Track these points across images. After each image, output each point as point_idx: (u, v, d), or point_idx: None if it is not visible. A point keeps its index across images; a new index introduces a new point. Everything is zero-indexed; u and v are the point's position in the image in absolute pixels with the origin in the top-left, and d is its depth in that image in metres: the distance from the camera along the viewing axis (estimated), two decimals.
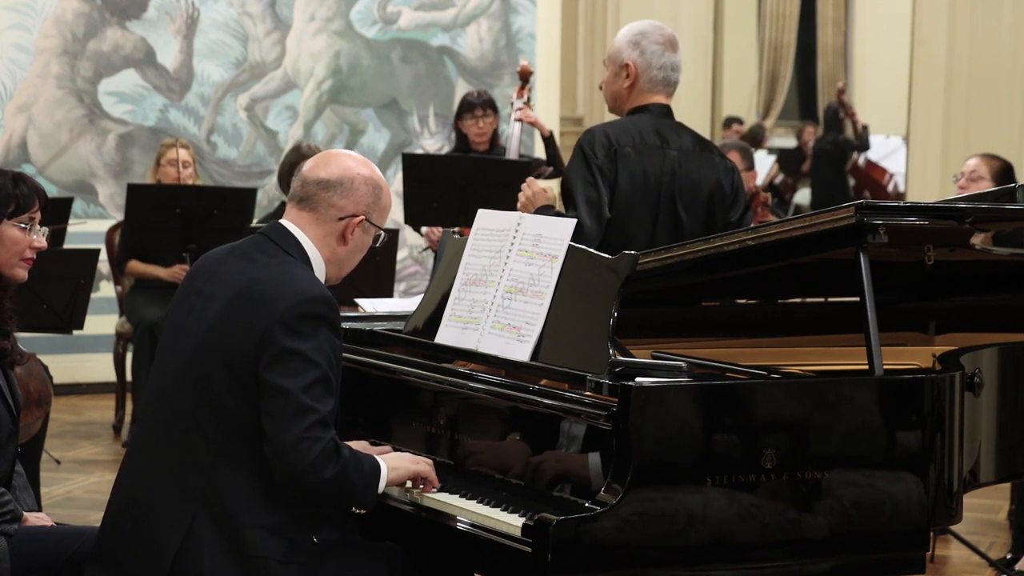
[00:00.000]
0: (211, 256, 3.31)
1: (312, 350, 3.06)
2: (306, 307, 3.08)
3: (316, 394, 3.04)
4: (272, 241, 3.24)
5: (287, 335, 3.05)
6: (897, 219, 3.42)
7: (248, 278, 3.16)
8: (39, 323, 5.76)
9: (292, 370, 3.04)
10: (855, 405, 3.22)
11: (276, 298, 3.09)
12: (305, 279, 3.17)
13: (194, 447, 3.10)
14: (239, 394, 3.08)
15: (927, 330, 4.21)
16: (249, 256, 3.23)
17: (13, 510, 3.46)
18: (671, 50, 4.39)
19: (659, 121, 4.36)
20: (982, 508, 6.07)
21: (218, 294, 3.18)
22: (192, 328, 3.18)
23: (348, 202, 3.26)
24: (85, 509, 6.02)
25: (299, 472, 3.01)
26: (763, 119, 17.68)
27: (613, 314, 3.26)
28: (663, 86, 4.39)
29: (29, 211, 3.57)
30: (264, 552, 3.06)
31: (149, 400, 3.26)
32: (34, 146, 8.56)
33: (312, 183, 3.26)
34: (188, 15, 8.87)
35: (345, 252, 3.30)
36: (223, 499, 3.07)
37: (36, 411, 4.79)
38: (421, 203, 6.91)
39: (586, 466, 3.13)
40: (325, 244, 3.27)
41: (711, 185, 4.35)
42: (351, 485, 3.08)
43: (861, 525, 3.19)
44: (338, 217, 3.26)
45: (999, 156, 6.26)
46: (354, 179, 3.26)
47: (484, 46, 9.56)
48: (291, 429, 3.01)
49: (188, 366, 3.15)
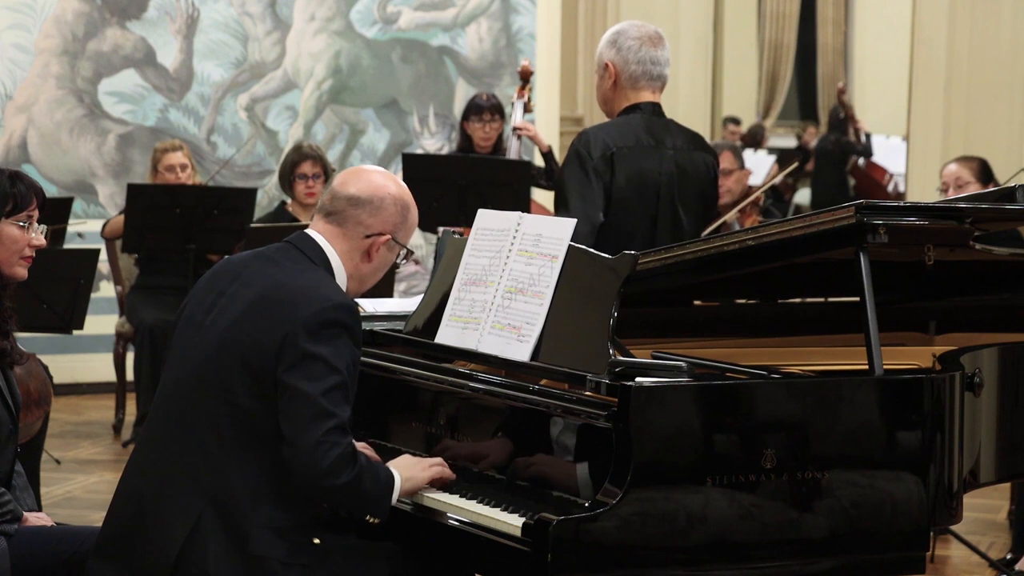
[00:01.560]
0: (234, 259, 3.34)
1: (333, 356, 3.08)
2: (329, 314, 3.10)
3: (335, 399, 3.06)
4: (298, 249, 3.27)
5: (309, 339, 3.07)
6: (897, 219, 3.42)
7: (273, 281, 3.19)
8: (39, 323, 5.77)
9: (313, 374, 3.06)
10: (855, 405, 3.23)
11: (300, 302, 3.12)
12: (329, 287, 3.20)
13: (206, 444, 3.12)
14: (256, 394, 3.10)
15: (927, 330, 4.21)
16: (274, 261, 3.25)
17: (13, 510, 3.46)
18: (650, 45, 4.39)
19: (650, 120, 4.39)
20: (982, 508, 6.07)
21: (241, 295, 3.20)
22: (212, 327, 3.19)
23: (376, 220, 3.30)
24: (85, 509, 6.02)
25: (315, 475, 3.03)
26: (763, 119, 17.68)
27: (613, 314, 3.26)
28: (647, 81, 4.39)
29: (27, 209, 3.56)
30: (267, 552, 3.07)
31: (163, 396, 3.27)
32: (34, 146, 8.56)
33: (342, 199, 3.30)
34: (188, 15, 8.87)
35: (369, 269, 3.33)
36: (231, 497, 3.08)
37: (36, 411, 4.79)
38: (421, 203, 6.80)
39: (586, 466, 3.13)
40: (350, 259, 3.30)
41: (705, 182, 4.43)
42: (365, 493, 3.10)
43: (861, 525, 3.19)
44: (365, 235, 3.29)
45: (973, 156, 6.30)
46: (384, 198, 3.31)
47: (484, 46, 9.56)
48: (310, 432, 3.03)
49: (206, 364, 3.16)
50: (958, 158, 6.38)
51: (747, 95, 17.74)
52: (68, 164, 8.63)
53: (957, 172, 6.07)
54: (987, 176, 6.02)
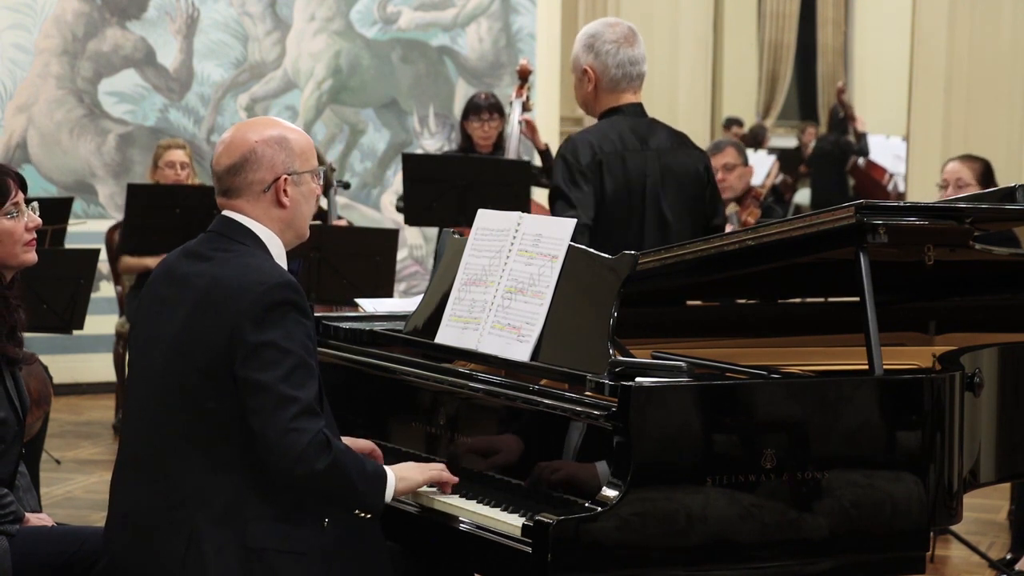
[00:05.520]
0: (168, 261, 3.27)
1: (283, 338, 3.03)
2: (268, 296, 3.05)
3: (295, 382, 3.01)
4: (221, 235, 3.20)
5: (255, 329, 3.02)
6: (897, 219, 3.43)
7: (208, 279, 3.12)
8: (39, 323, 5.76)
9: (267, 363, 3.01)
10: (855, 405, 3.23)
11: (238, 294, 3.06)
12: (263, 268, 3.13)
13: (184, 454, 3.07)
14: (219, 396, 3.05)
15: (927, 330, 4.21)
16: (203, 256, 3.18)
17: (15, 511, 3.45)
18: (627, 45, 4.39)
19: (634, 121, 4.41)
20: (982, 508, 6.07)
21: (182, 299, 3.14)
22: (162, 337, 3.14)
23: (261, 173, 3.19)
24: (85, 509, 6.02)
25: (289, 464, 2.98)
26: (763, 119, 17.68)
27: (613, 314, 3.26)
28: (627, 82, 4.41)
29: (9, 199, 3.50)
30: (265, 543, 3.04)
31: (130, 414, 3.23)
32: (34, 146, 8.56)
33: (223, 175, 3.21)
34: (188, 15, 8.87)
35: (291, 212, 3.22)
36: (219, 499, 3.05)
37: (36, 411, 4.78)
38: (421, 203, 6.90)
39: (585, 466, 3.13)
40: (268, 217, 3.21)
41: (691, 178, 4.44)
42: (349, 481, 3.05)
43: (861, 525, 3.19)
44: (262, 190, 3.20)
45: (977, 156, 6.27)
46: (253, 150, 3.18)
47: (484, 46, 9.56)
48: (276, 422, 2.98)
49: (164, 375, 3.12)
50: (961, 156, 6.34)
51: (747, 95, 17.74)
52: (68, 164, 8.63)
53: (959, 171, 6.05)
54: (988, 179, 6.00)
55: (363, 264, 6.57)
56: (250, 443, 3.03)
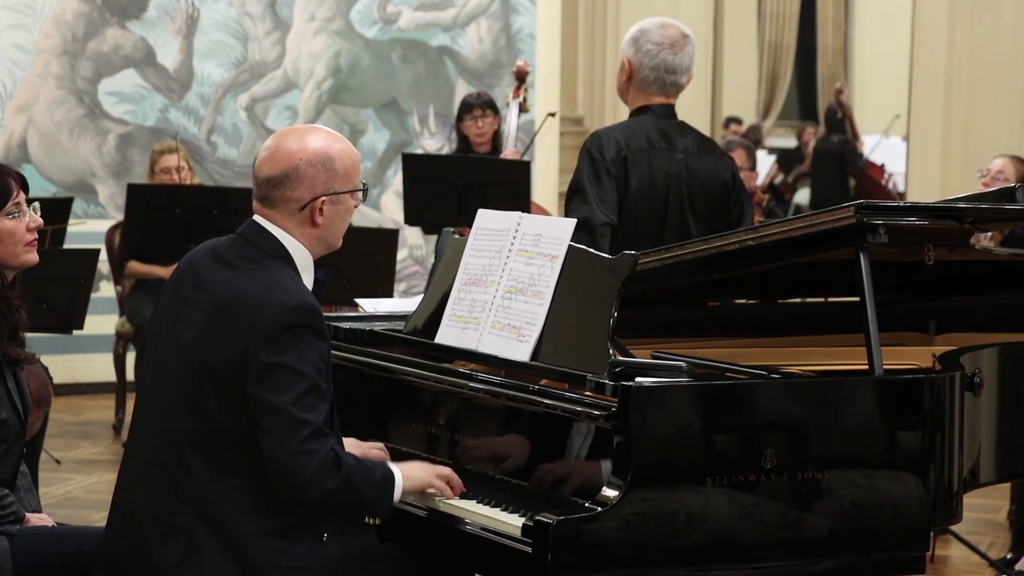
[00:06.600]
0: (193, 259, 3.24)
1: (296, 360, 3.01)
2: (286, 318, 3.03)
3: (307, 405, 3.00)
4: (250, 242, 3.18)
5: (269, 349, 3.01)
6: (897, 219, 3.42)
7: (229, 288, 3.10)
8: (39, 323, 5.76)
9: (279, 384, 3.00)
10: (855, 405, 3.23)
11: (256, 310, 3.04)
12: (285, 286, 3.10)
13: (189, 460, 3.07)
14: (228, 408, 3.04)
15: (927, 330, 4.21)
16: (228, 262, 3.16)
17: (16, 511, 3.45)
18: (670, 51, 4.31)
19: (662, 122, 4.35)
20: (982, 508, 6.07)
21: (200, 302, 3.13)
22: (178, 340, 3.13)
23: (301, 191, 3.17)
24: (85, 509, 6.02)
25: (300, 486, 2.99)
26: (763, 119, 17.69)
27: (613, 314, 3.26)
28: (659, 87, 4.34)
29: (10, 199, 3.50)
30: (265, 559, 3.04)
31: (141, 413, 3.22)
32: (34, 146, 8.56)
33: (262, 183, 3.19)
34: (188, 15, 8.87)
35: (324, 230, 3.21)
36: (221, 510, 3.04)
37: (36, 411, 4.79)
38: (421, 203, 6.90)
39: (585, 466, 3.13)
40: (300, 232, 3.19)
41: (716, 185, 4.35)
42: (359, 494, 3.05)
43: (861, 525, 3.19)
44: (299, 208, 3.18)
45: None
46: (297, 167, 3.16)
47: (484, 46, 9.56)
48: (286, 444, 2.97)
49: (177, 379, 3.11)
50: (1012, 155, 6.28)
51: (747, 95, 17.75)
52: (68, 164, 8.63)
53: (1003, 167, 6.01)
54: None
55: (363, 264, 6.57)
56: (256, 457, 3.03)
